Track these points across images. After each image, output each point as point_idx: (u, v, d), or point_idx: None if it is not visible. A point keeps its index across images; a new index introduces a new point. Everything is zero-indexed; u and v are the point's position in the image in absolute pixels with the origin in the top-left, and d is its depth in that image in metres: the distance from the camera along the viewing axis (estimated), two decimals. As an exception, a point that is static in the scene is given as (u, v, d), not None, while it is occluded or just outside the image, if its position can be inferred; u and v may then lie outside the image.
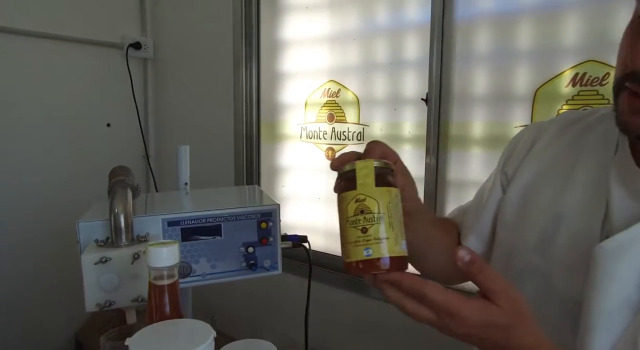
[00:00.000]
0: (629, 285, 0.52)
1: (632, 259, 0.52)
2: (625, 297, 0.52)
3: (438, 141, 1.51)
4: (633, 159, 0.58)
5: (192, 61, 2.30)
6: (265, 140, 2.10)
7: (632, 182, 0.56)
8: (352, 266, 0.50)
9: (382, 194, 0.50)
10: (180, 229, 0.93)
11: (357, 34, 1.74)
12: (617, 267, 0.53)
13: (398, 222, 0.50)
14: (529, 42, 1.35)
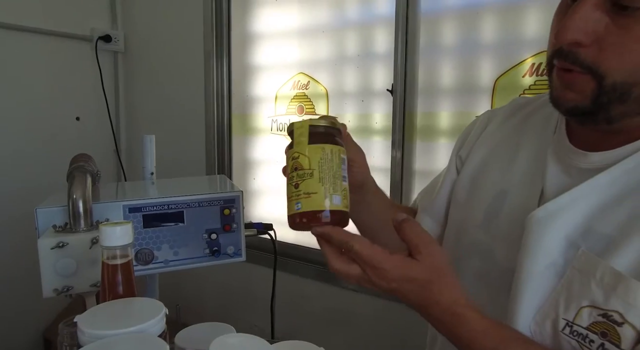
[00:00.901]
0: (554, 250, 0.55)
1: (558, 226, 0.55)
2: (552, 262, 0.54)
3: (403, 131, 1.54)
4: (567, 137, 0.61)
5: (163, 54, 2.28)
6: (237, 133, 2.10)
7: (565, 158, 0.59)
8: (289, 220, 0.53)
9: (314, 151, 0.52)
10: (142, 215, 0.93)
11: (326, 27, 1.75)
12: (545, 233, 0.55)
13: (331, 177, 0.52)
14: (491, 35, 1.38)
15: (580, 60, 0.50)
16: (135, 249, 0.93)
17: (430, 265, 0.50)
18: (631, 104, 0.50)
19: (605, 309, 0.49)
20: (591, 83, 0.50)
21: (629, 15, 0.46)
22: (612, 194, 0.53)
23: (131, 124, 2.46)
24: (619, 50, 0.48)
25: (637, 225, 0.50)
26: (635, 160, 0.52)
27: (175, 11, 2.20)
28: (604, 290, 0.49)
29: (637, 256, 0.49)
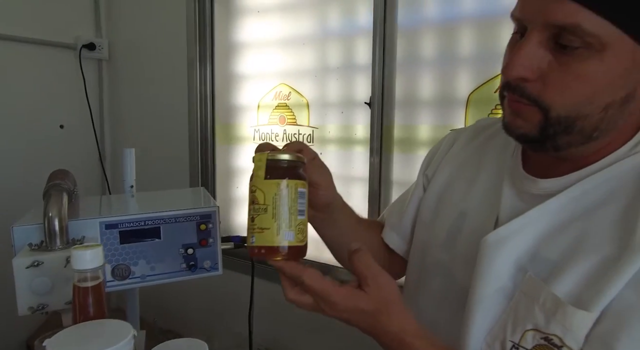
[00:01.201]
0: (505, 274, 0.57)
1: (509, 251, 0.57)
2: (502, 285, 0.57)
3: (381, 143, 1.57)
4: (522, 163, 0.63)
5: (147, 62, 2.29)
6: (221, 142, 2.12)
7: (519, 183, 0.62)
8: (248, 250, 0.55)
9: (269, 186, 0.53)
10: (119, 231, 0.95)
11: (307, 38, 1.78)
12: (496, 257, 0.58)
13: (286, 213, 0.53)
14: (468, 48, 1.42)
15: (527, 94, 0.52)
16: (112, 265, 0.95)
17: (378, 297, 0.52)
18: (576, 135, 0.52)
19: (547, 332, 0.51)
20: (538, 115, 0.52)
21: (569, 54, 0.49)
22: (559, 220, 0.55)
23: (116, 131, 2.47)
24: (561, 87, 0.50)
25: (578, 252, 0.52)
26: (581, 188, 0.55)
27: (159, 19, 2.21)
28: (546, 315, 0.52)
29: (576, 282, 0.51)
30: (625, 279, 0.48)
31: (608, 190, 0.54)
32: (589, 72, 0.49)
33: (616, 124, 0.53)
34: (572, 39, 0.48)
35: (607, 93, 0.50)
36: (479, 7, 1.38)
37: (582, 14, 0.46)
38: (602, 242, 0.51)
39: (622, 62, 0.48)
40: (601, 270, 0.50)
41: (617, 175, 0.54)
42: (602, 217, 0.53)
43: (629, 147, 0.55)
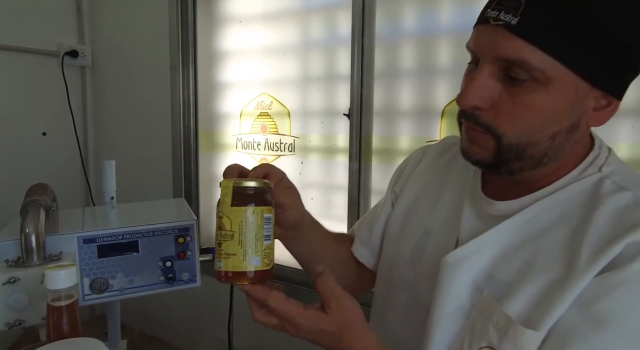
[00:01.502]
0: (463, 293, 0.60)
1: (466, 271, 0.60)
2: (460, 304, 0.60)
3: (360, 153, 1.59)
4: (481, 184, 0.66)
5: (130, 70, 2.30)
6: (204, 149, 2.13)
7: (478, 204, 0.65)
8: (216, 274, 0.57)
9: (236, 213, 0.55)
10: (96, 246, 0.96)
11: (288, 48, 1.80)
12: (455, 277, 0.60)
13: (252, 240, 0.55)
14: (446, 60, 1.45)
15: (480, 122, 0.55)
16: (90, 279, 0.96)
17: (340, 318, 0.54)
18: (527, 161, 0.56)
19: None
20: (492, 142, 0.55)
21: (517, 86, 0.52)
22: (513, 242, 0.58)
23: (99, 138, 2.47)
24: (511, 116, 0.53)
25: (529, 273, 0.55)
26: (533, 210, 0.58)
27: (142, 26, 2.22)
28: (498, 333, 0.54)
29: (526, 302, 0.54)
30: (570, 299, 0.51)
31: (558, 213, 0.57)
32: (536, 104, 0.52)
33: (564, 151, 0.56)
34: (520, 73, 0.51)
35: (553, 123, 0.53)
36: (457, 20, 1.41)
37: (528, 50, 0.49)
38: (551, 264, 0.54)
39: (566, 95, 0.52)
40: (549, 291, 0.53)
41: (567, 199, 0.57)
42: (552, 239, 0.56)
43: (577, 172, 0.58)
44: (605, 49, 0.50)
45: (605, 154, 0.60)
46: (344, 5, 1.63)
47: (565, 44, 0.49)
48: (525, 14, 0.49)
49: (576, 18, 0.49)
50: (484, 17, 0.53)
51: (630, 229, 0.51)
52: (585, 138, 0.59)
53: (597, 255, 0.51)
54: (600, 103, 0.54)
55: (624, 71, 0.53)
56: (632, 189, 0.55)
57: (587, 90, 0.53)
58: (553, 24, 0.49)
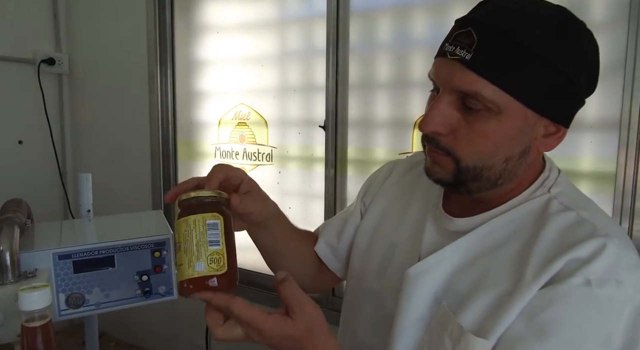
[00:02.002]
0: (423, 305, 0.63)
1: (427, 284, 0.64)
2: (420, 316, 0.63)
3: (336, 164, 1.63)
4: (443, 202, 0.70)
5: (108, 78, 2.29)
6: (183, 159, 2.14)
7: (439, 220, 0.69)
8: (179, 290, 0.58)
9: (179, 225, 0.57)
10: (72, 262, 0.97)
11: (265, 59, 1.82)
12: (416, 290, 0.64)
13: (194, 247, 0.56)
14: (419, 74, 1.49)
15: (440, 146, 0.59)
16: (66, 294, 0.97)
17: (303, 323, 0.56)
18: (484, 182, 0.60)
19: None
20: (451, 164, 0.59)
21: (473, 114, 0.56)
22: (469, 256, 0.62)
23: (78, 148, 2.45)
24: (468, 142, 0.58)
25: (482, 286, 0.59)
26: (488, 228, 0.63)
27: (120, 34, 2.21)
28: (453, 343, 0.58)
29: (479, 313, 0.58)
30: (517, 310, 0.55)
31: (510, 230, 0.61)
32: (490, 131, 0.56)
33: (517, 174, 0.61)
34: (475, 103, 0.55)
35: (506, 148, 0.58)
36: (429, 35, 1.45)
37: (481, 83, 0.54)
38: (501, 277, 0.59)
39: (516, 123, 0.56)
40: (499, 302, 0.57)
41: (518, 217, 0.62)
42: (503, 254, 0.60)
43: (529, 193, 0.63)
44: (550, 83, 0.55)
45: (554, 176, 0.65)
46: (320, 17, 1.66)
47: (513, 79, 0.54)
48: (478, 50, 0.54)
49: (522, 55, 0.53)
50: (443, 51, 0.58)
51: (571, 247, 0.55)
52: (537, 161, 0.64)
53: (542, 269, 0.55)
54: (549, 130, 0.59)
55: (568, 103, 0.58)
56: (576, 209, 0.60)
57: (536, 119, 0.57)
58: (502, 60, 0.54)
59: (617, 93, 1.19)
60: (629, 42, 1.16)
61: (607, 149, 1.23)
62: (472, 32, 0.54)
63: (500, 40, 0.53)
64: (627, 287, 0.53)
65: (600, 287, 0.53)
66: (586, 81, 0.58)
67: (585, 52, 0.57)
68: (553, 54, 0.54)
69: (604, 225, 0.58)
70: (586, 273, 0.53)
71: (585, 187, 1.27)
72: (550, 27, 0.54)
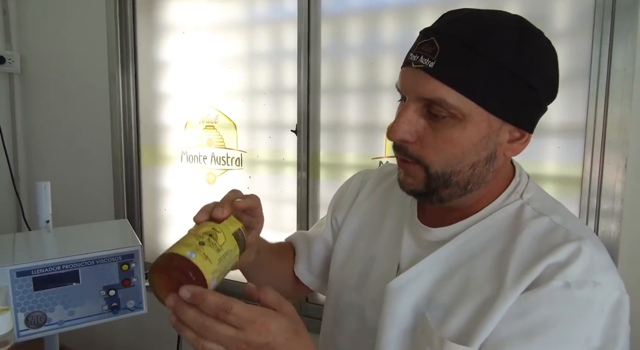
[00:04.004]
0: (406, 317, 0.64)
1: (409, 296, 0.64)
2: (405, 327, 0.64)
3: (308, 168, 1.61)
4: (418, 212, 0.71)
5: (65, 78, 2.17)
6: (147, 164, 2.06)
7: (416, 231, 0.70)
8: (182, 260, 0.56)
9: (228, 244, 0.59)
10: (32, 278, 0.90)
11: (233, 61, 1.78)
12: (399, 302, 0.65)
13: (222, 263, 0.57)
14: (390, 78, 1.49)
15: (409, 154, 0.61)
16: (25, 313, 0.90)
17: (295, 318, 0.54)
18: (454, 188, 0.61)
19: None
20: (422, 172, 0.61)
21: (439, 121, 0.58)
22: (449, 266, 0.63)
23: (31, 153, 2.31)
24: (434, 148, 0.59)
25: (465, 294, 0.60)
26: (466, 236, 0.64)
27: (77, 31, 2.11)
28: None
29: (463, 322, 0.59)
30: (499, 315, 0.56)
31: (487, 238, 0.63)
32: (455, 137, 0.58)
33: (485, 179, 0.62)
34: (440, 110, 0.57)
35: (472, 153, 0.59)
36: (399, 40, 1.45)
37: (444, 90, 0.56)
38: (482, 285, 0.60)
39: (480, 129, 0.58)
40: (482, 309, 0.58)
41: (494, 224, 0.63)
42: (482, 262, 0.61)
43: (502, 199, 0.65)
44: (511, 89, 0.57)
45: (525, 181, 0.67)
46: (290, 19, 1.63)
47: (475, 85, 0.56)
48: (440, 58, 0.56)
49: (482, 63, 0.55)
50: (408, 60, 0.60)
51: (548, 252, 0.57)
52: (505, 166, 0.66)
53: (522, 275, 0.57)
54: (514, 136, 0.61)
55: (530, 109, 0.60)
56: (548, 214, 0.62)
57: (499, 125, 0.59)
58: (464, 67, 0.55)
59: (583, 99, 1.23)
60: (594, 49, 1.20)
61: (573, 153, 1.27)
62: (435, 41, 0.56)
63: (461, 48, 0.55)
64: (603, 287, 0.56)
65: (579, 288, 0.54)
66: (546, 88, 0.60)
67: (544, 60, 0.59)
68: (512, 61, 0.55)
69: (576, 228, 0.60)
70: (565, 276, 0.55)
71: (552, 189, 1.31)
72: (509, 35, 0.56)
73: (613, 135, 1.19)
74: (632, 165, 1.17)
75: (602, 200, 1.21)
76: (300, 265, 0.88)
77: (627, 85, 1.16)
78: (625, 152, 1.17)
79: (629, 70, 1.15)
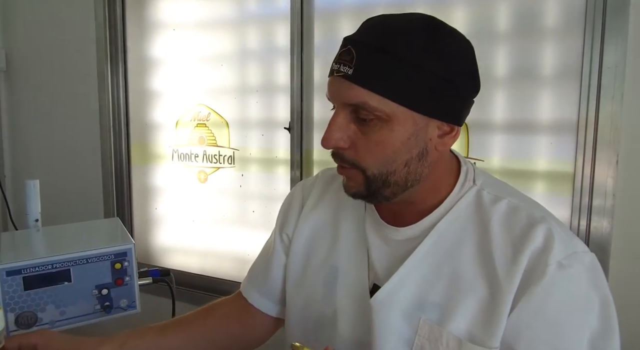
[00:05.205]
0: (400, 324, 0.64)
1: (398, 303, 0.64)
2: (400, 335, 0.64)
3: (302, 165, 1.60)
4: (377, 212, 0.71)
5: (52, 75, 2.14)
6: (137, 162, 2.03)
7: (381, 232, 0.70)
8: None
9: None
10: (22, 278, 0.88)
11: (225, 58, 1.77)
12: (389, 311, 0.65)
13: None
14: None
15: (346, 159, 0.62)
16: (16, 313, 0.88)
17: None
18: (394, 187, 0.63)
19: None
20: (360, 175, 0.62)
21: (367, 125, 0.60)
22: (430, 265, 0.64)
23: (17, 151, 2.27)
24: (367, 151, 0.61)
25: (458, 293, 0.61)
26: (437, 232, 0.65)
27: (65, 27, 2.07)
28: None
29: (466, 321, 0.59)
30: (504, 314, 0.58)
31: (456, 230, 0.64)
32: (384, 138, 0.60)
33: (422, 174, 0.63)
34: (366, 113, 0.59)
35: (403, 152, 0.61)
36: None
37: (366, 94, 0.58)
38: (473, 281, 0.61)
39: (407, 128, 0.59)
40: (485, 309, 0.59)
41: (459, 215, 0.65)
42: (463, 255, 0.62)
43: (458, 188, 0.66)
44: (428, 86, 0.58)
45: (472, 168, 0.69)
46: (282, 16, 1.62)
47: (393, 86, 0.57)
48: (358, 64, 0.58)
49: (396, 63, 0.57)
50: (331, 70, 0.61)
51: (525, 240, 0.59)
52: (445, 159, 0.67)
53: (511, 269, 0.59)
54: (444, 130, 0.62)
55: (451, 103, 0.61)
56: (505, 196, 0.65)
57: (425, 121, 0.60)
58: (380, 70, 0.57)
59: (575, 97, 1.24)
60: (585, 47, 1.21)
61: (565, 150, 1.28)
62: (352, 49, 0.58)
63: (375, 52, 0.57)
64: (581, 255, 0.60)
65: (570, 265, 0.58)
66: (464, 81, 0.61)
67: (458, 54, 0.61)
68: (424, 59, 0.57)
69: (533, 207, 0.64)
70: (554, 258, 0.58)
71: (544, 186, 1.32)
72: (420, 34, 0.58)
73: (604, 132, 1.20)
74: (623, 162, 1.19)
75: (594, 196, 1.22)
76: (258, 296, 0.85)
77: (618, 83, 1.17)
78: (616, 148, 1.19)
79: (620, 68, 1.16)
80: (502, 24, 1.33)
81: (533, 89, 1.30)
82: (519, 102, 1.32)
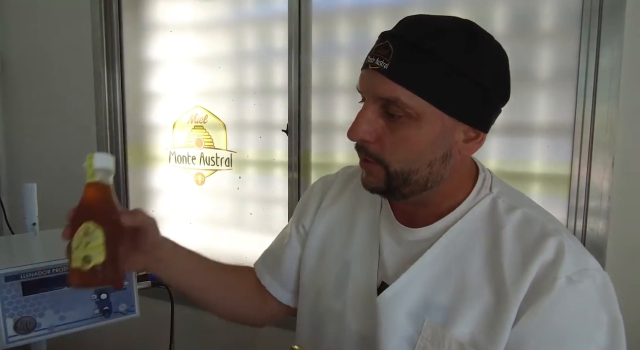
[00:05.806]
0: (404, 324, 0.64)
1: (404, 303, 0.65)
2: (403, 334, 0.64)
3: (299, 168, 1.60)
4: (392, 212, 0.71)
5: (48, 76, 2.13)
6: (133, 164, 2.03)
7: (395, 232, 0.70)
8: None
9: None
10: (21, 283, 0.88)
11: (222, 60, 1.76)
12: (395, 310, 0.65)
13: None
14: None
15: (370, 153, 0.62)
16: (14, 318, 0.88)
17: None
18: (414, 186, 0.63)
19: None
20: (382, 171, 0.62)
21: (395, 121, 0.60)
22: (439, 268, 0.64)
23: (13, 155, 2.26)
24: (393, 147, 0.61)
25: (464, 297, 0.61)
26: (449, 236, 0.65)
27: (61, 29, 2.06)
28: None
29: (470, 327, 0.59)
30: (509, 322, 0.58)
31: (468, 236, 0.64)
32: (411, 136, 0.60)
33: (443, 176, 0.63)
34: (396, 109, 0.59)
35: (428, 152, 0.61)
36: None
37: (399, 89, 0.58)
38: (479, 286, 0.61)
39: (434, 128, 0.60)
40: (489, 315, 0.59)
41: (473, 221, 0.65)
42: (472, 260, 0.63)
43: (474, 195, 0.66)
44: (462, 89, 0.59)
45: (489, 176, 0.69)
46: (280, 18, 1.62)
47: (426, 85, 0.58)
48: (394, 59, 0.58)
49: (433, 63, 0.57)
50: (366, 63, 0.62)
51: (536, 251, 0.59)
52: (465, 164, 0.67)
53: (519, 278, 0.59)
54: (469, 135, 0.63)
55: (481, 109, 0.62)
56: (520, 206, 0.65)
57: (453, 124, 0.61)
58: (416, 68, 0.58)
59: (571, 99, 1.25)
60: (581, 49, 1.22)
61: (561, 152, 1.29)
62: (389, 44, 0.59)
63: (413, 49, 0.58)
64: (592, 272, 0.59)
65: (580, 281, 0.58)
66: (496, 88, 0.61)
67: (493, 61, 0.61)
68: (463, 62, 0.58)
69: (547, 219, 0.64)
70: (563, 272, 0.57)
71: (540, 188, 1.33)
72: (459, 37, 0.59)
73: (600, 134, 1.21)
74: (619, 164, 1.20)
75: (590, 198, 1.23)
76: (270, 280, 0.86)
77: (614, 85, 1.18)
78: (612, 150, 1.19)
79: (616, 70, 1.17)
80: (498, 26, 1.34)
81: (529, 91, 1.30)
82: (514, 104, 1.32)
